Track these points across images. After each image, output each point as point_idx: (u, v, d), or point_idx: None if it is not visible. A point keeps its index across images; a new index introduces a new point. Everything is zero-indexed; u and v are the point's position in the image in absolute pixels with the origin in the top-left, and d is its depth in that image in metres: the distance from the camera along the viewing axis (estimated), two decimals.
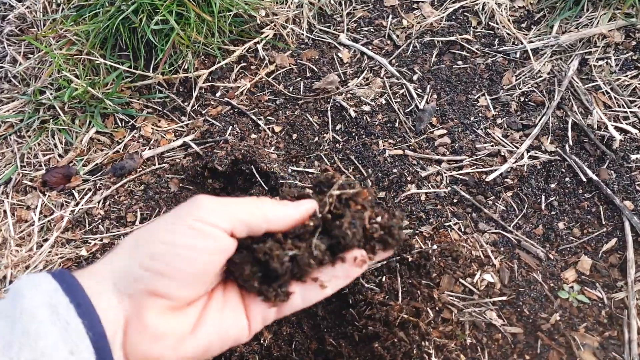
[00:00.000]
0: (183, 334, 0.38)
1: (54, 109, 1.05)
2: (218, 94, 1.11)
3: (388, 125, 1.02)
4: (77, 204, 0.96)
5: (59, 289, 0.35)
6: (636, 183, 0.90)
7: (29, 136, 1.05)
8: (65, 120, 1.04)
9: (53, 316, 0.34)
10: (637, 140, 0.95)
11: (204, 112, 1.08)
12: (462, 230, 0.87)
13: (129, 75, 1.09)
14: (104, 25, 1.04)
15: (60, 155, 1.03)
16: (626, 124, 0.97)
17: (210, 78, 1.13)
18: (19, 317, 0.33)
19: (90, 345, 0.34)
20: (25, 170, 1.01)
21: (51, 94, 1.05)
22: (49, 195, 0.97)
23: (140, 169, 1.00)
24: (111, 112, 1.06)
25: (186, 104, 1.09)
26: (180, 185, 0.98)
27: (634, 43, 1.08)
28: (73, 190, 0.98)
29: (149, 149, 1.03)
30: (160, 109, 1.09)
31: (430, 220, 0.87)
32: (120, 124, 1.07)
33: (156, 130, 1.06)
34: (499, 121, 1.01)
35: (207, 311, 0.41)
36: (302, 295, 0.43)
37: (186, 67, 1.09)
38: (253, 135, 1.03)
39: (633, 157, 0.93)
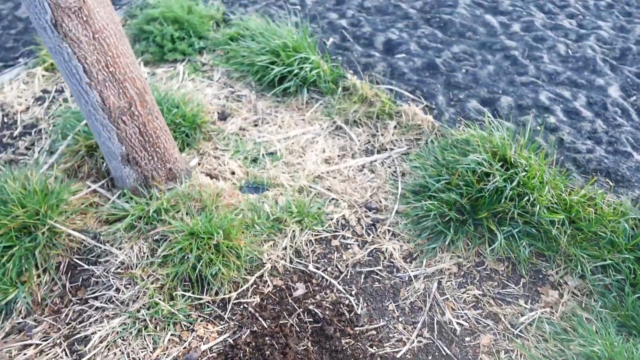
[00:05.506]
0: None
1: (145, 321, 1.73)
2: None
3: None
4: None
5: None
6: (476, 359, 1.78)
7: (131, 339, 1.70)
8: (151, 328, 1.71)
9: None
10: (469, 329, 1.86)
11: None
12: None
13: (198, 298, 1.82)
14: (179, 270, 1.80)
15: None
16: (462, 320, 1.89)
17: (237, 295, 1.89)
18: None
19: None
20: None
21: (145, 311, 1.74)
22: None
23: None
24: None
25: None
26: None
27: (462, 272, 2.07)
28: None
29: None
30: None
31: None
32: None
33: None
34: (400, 318, 1.88)
35: None
36: None
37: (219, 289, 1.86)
38: None
39: (467, 339, 1.82)
